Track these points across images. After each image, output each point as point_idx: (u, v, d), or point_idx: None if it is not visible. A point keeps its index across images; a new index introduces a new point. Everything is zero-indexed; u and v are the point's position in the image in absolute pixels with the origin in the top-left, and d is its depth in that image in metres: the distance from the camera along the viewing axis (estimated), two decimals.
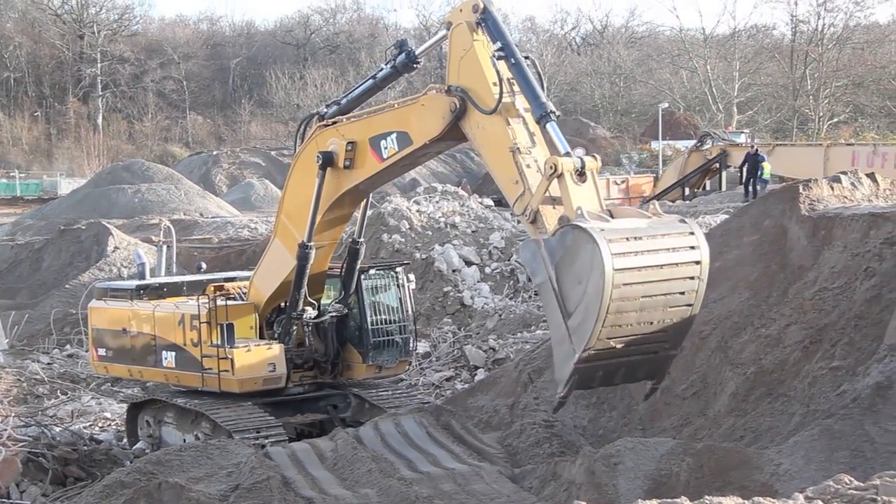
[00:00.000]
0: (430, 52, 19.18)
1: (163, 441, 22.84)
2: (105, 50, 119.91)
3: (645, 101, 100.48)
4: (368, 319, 21.93)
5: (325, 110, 19.52)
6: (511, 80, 15.12)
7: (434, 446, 17.14)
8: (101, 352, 23.85)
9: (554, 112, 14.74)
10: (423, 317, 32.36)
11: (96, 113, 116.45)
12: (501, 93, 14.87)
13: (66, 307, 39.24)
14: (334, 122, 19.16)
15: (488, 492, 14.64)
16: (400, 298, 22.35)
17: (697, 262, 13.44)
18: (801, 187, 19.65)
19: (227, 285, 22.39)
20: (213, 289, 21.79)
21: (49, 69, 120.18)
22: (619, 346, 13.15)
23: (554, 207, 14.15)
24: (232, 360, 20.91)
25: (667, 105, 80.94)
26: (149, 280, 24.21)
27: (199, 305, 21.32)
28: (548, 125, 14.55)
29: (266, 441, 19.79)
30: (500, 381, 20.36)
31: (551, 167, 13.80)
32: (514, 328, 30.24)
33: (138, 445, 23.40)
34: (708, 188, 50.91)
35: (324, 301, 21.66)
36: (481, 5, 15.56)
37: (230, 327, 20.86)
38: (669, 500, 8.11)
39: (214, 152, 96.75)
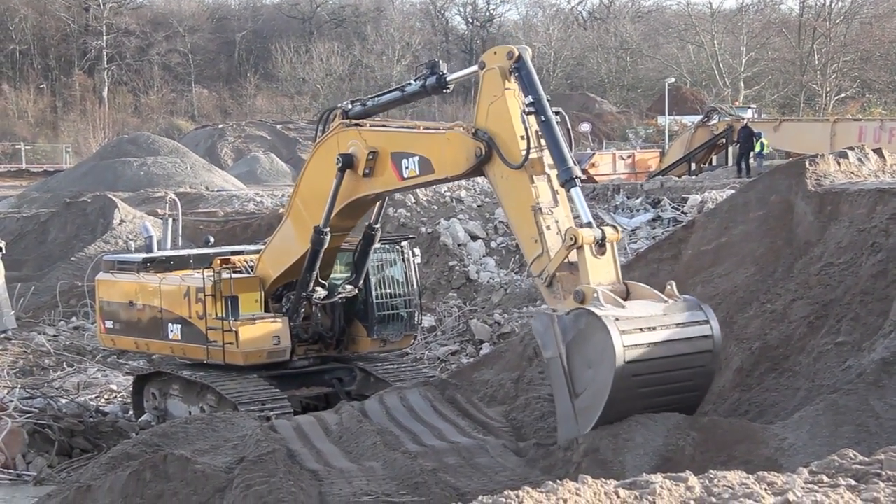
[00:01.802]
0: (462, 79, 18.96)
1: (168, 413, 22.92)
2: (111, 22, 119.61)
3: (651, 76, 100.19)
4: (373, 294, 21.98)
5: (350, 106, 19.40)
6: (539, 134, 15.01)
7: (439, 420, 17.16)
8: (109, 324, 23.91)
9: (580, 177, 14.68)
10: (429, 291, 32.37)
11: (102, 86, 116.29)
12: (529, 149, 14.76)
13: (71, 279, 39.32)
14: (357, 123, 19.06)
15: (493, 465, 14.66)
16: (405, 273, 22.38)
17: (709, 351, 13.65)
18: (807, 162, 19.61)
19: (234, 259, 22.43)
20: (219, 262, 21.83)
21: (54, 41, 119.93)
22: (625, 415, 13.37)
23: (571, 274, 14.15)
24: (236, 333, 20.96)
25: (673, 80, 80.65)
26: (156, 253, 24.22)
27: (203, 279, 21.36)
28: (572, 190, 14.51)
29: (271, 413, 19.86)
30: (506, 355, 20.36)
31: (572, 238, 13.80)
32: (519, 302, 30.27)
33: (144, 417, 23.47)
34: (714, 163, 50.74)
35: (333, 275, 21.68)
36: (517, 53, 15.43)
37: (234, 300, 20.92)
38: (674, 475, 8.12)
39: (220, 126, 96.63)
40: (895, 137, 45.32)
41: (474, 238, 34.58)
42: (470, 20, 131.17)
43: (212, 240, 27.74)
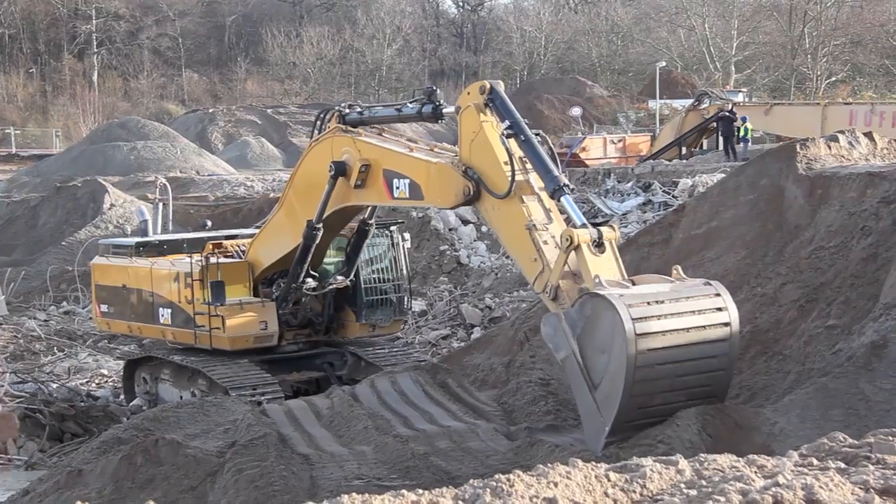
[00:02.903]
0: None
1: (159, 398, 22.93)
2: (100, 6, 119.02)
3: (642, 59, 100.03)
4: (362, 279, 21.98)
5: (347, 111, 19.40)
6: (523, 159, 15.01)
7: (430, 404, 17.18)
8: (104, 308, 23.96)
9: (568, 185, 14.64)
10: (420, 275, 32.38)
11: (91, 70, 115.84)
12: (514, 172, 14.73)
13: (62, 264, 39.28)
14: (354, 129, 19.05)
15: (484, 449, 14.68)
16: (394, 258, 22.39)
17: (726, 324, 13.24)
18: (798, 146, 19.63)
19: (227, 243, 22.44)
20: (211, 247, 21.84)
21: (44, 25, 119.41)
22: (652, 411, 12.92)
23: (575, 282, 13.99)
24: (222, 318, 20.98)
25: (664, 64, 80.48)
26: (150, 237, 24.23)
27: (191, 263, 21.37)
28: (562, 198, 14.43)
29: (262, 399, 19.87)
30: (497, 339, 20.39)
31: (567, 239, 13.64)
32: (510, 287, 30.28)
33: (135, 402, 23.48)
34: (705, 147, 50.75)
35: (325, 259, 21.68)
36: (488, 86, 15.64)
37: (220, 285, 20.91)
38: (665, 458, 8.14)
39: (210, 110, 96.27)
40: (886, 121, 45.32)
41: (465, 222, 34.57)
42: (461, 4, 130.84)
43: (209, 223, 27.77)
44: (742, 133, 45.78)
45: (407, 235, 23.18)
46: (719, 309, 13.30)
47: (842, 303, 15.88)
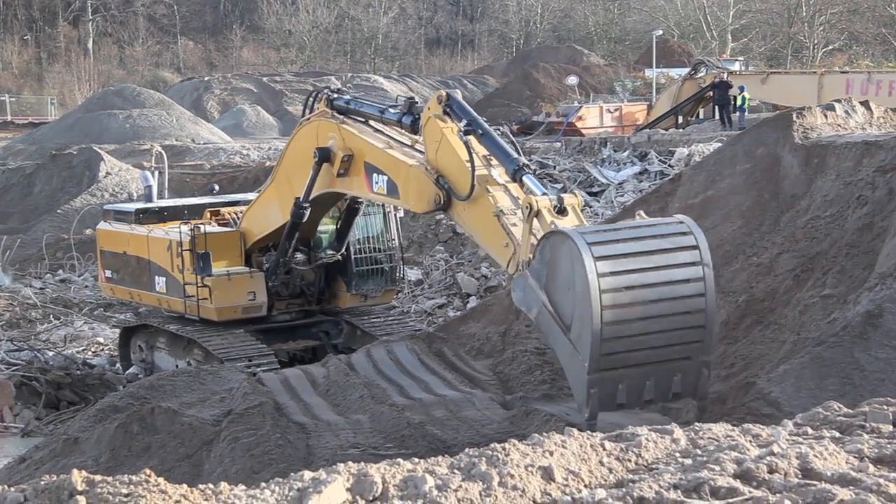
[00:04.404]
0: None
1: (155, 366, 22.98)
2: None
3: (639, 28, 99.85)
4: (353, 249, 21.97)
5: (335, 96, 19.35)
6: (488, 157, 14.97)
7: (426, 373, 17.22)
8: (108, 273, 24.05)
9: (528, 165, 14.53)
10: (416, 244, 32.37)
11: (87, 37, 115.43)
12: (473, 166, 14.67)
13: (57, 232, 39.28)
14: (340, 115, 19.01)
15: (480, 418, 14.72)
16: (386, 227, 22.38)
17: (694, 247, 12.50)
18: (794, 115, 19.60)
19: (224, 210, 22.43)
20: (208, 214, 21.84)
21: None
22: (633, 348, 12.30)
23: None
24: (209, 289, 20.97)
25: (661, 32, 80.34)
26: (152, 203, 24.21)
27: (180, 232, 21.36)
28: (524, 177, 14.25)
29: (257, 369, 19.90)
30: (493, 308, 20.41)
31: (527, 206, 13.36)
32: None
33: (131, 370, 23.52)
34: (701, 116, 50.72)
35: (319, 229, 21.66)
36: (444, 94, 15.79)
37: (205, 256, 20.89)
38: (660, 427, 8.15)
39: (206, 78, 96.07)
40: (882, 90, 45.30)
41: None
42: None
43: (217, 188, 27.75)
44: (739, 102, 45.73)
45: None
46: (684, 233, 12.59)
47: (837, 272, 15.89)
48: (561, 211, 13.35)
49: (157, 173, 27.48)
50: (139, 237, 22.80)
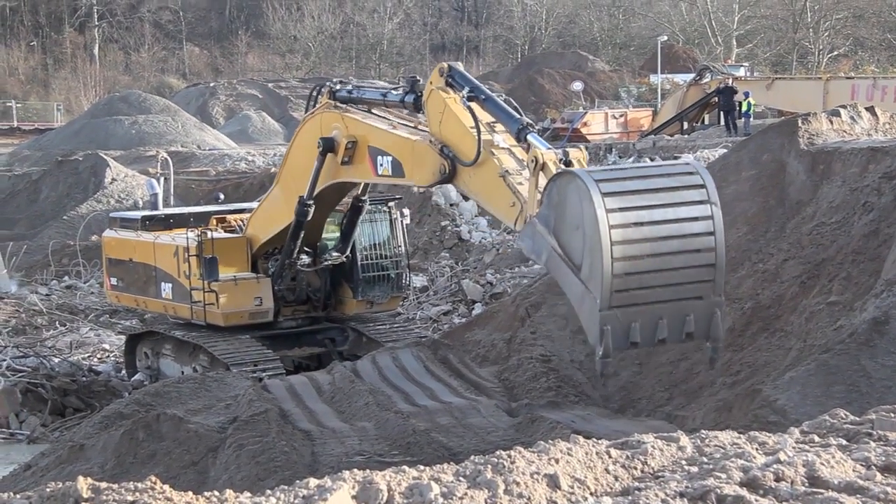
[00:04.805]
0: None
1: (161, 373, 22.97)
2: None
3: (644, 34, 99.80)
4: (359, 255, 21.97)
5: (338, 87, 19.42)
6: (491, 124, 14.99)
7: (431, 380, 17.21)
8: (114, 281, 24.08)
9: (532, 124, 14.53)
10: (421, 251, 32.37)
11: (92, 43, 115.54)
12: (479, 131, 14.68)
13: (63, 238, 39.30)
14: (343, 105, 19.07)
15: (485, 425, 14.72)
16: (392, 234, 22.39)
17: (702, 186, 12.37)
18: (800, 121, 19.59)
19: (230, 217, 22.45)
20: (214, 221, 21.87)
21: None
22: (644, 285, 12.14)
23: None
24: (216, 294, 20.99)
25: (666, 38, 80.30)
26: (158, 211, 24.24)
27: (187, 238, 21.40)
28: (529, 136, 14.23)
29: (263, 375, 19.90)
30: (498, 315, 20.40)
31: (533, 159, 13.37)
32: (511, 262, 30.26)
33: (137, 377, 23.52)
34: (706, 122, 50.68)
35: (323, 235, 21.69)
36: (446, 66, 15.79)
37: (212, 262, 20.89)
38: (666, 435, 8.14)
39: (211, 84, 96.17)
40: (888, 96, 45.22)
41: (467, 198, 34.52)
42: None
43: (222, 197, 27.75)
44: (744, 108, 45.69)
45: (406, 211, 23.17)
46: (691, 173, 12.48)
47: (843, 279, 15.87)
48: (567, 165, 13.34)
49: (162, 179, 27.50)
50: (145, 244, 22.82)
